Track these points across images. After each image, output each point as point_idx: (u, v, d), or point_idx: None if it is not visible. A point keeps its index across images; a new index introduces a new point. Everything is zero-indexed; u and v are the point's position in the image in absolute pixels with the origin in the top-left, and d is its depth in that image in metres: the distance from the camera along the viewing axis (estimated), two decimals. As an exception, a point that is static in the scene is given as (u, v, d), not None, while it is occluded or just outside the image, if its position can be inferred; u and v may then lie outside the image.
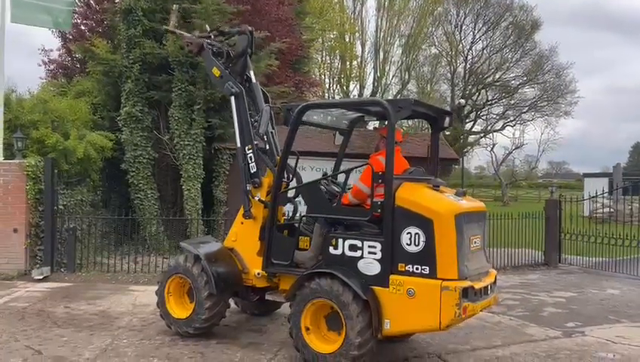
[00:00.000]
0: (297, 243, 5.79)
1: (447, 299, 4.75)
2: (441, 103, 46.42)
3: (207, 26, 7.23)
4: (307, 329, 5.30)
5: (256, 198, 6.11)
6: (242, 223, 6.30)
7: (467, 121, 48.89)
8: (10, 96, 11.46)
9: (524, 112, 47.36)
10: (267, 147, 6.40)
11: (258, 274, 5.97)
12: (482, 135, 48.91)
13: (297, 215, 6.49)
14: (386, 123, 5.28)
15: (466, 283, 4.86)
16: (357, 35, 44.00)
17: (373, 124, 5.44)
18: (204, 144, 12.04)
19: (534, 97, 46.47)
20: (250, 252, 6.13)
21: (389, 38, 45.43)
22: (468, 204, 5.30)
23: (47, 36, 21.26)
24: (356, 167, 5.72)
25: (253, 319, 7.01)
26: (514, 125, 47.95)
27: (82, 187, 11.13)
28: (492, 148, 47.87)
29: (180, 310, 6.24)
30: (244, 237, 6.25)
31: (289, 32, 14.79)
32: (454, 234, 4.87)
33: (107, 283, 9.09)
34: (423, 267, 4.89)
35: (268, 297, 6.03)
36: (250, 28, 6.83)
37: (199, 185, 12.01)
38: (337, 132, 6.72)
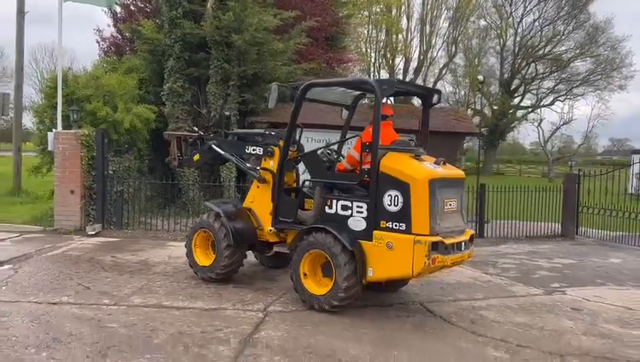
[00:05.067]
0: (301, 203, 6.71)
1: (418, 250, 5.56)
2: (490, 77, 45.71)
3: (195, 127, 8.96)
4: (305, 274, 6.25)
5: (259, 168, 7.07)
6: (258, 187, 7.27)
7: (515, 95, 48.00)
8: (67, 73, 12.82)
9: (576, 87, 46.08)
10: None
11: (270, 230, 6.96)
12: (530, 110, 47.93)
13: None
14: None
15: (436, 238, 5.63)
16: (403, 8, 43.76)
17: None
18: (238, 117, 13.07)
19: (587, 71, 45.07)
20: (264, 211, 7.09)
21: (435, 11, 44.99)
22: (443, 171, 6.04)
23: (104, 16, 22.67)
24: (349, 138, 6.53)
25: (268, 271, 8.02)
26: (564, 100, 46.74)
27: (130, 155, 12.40)
28: (539, 124, 46.91)
29: (205, 259, 7.31)
30: (259, 199, 7.21)
31: (322, 9, 15.43)
32: (427, 196, 5.65)
33: (149, 239, 10.34)
34: (401, 224, 5.71)
35: (275, 249, 7.02)
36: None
37: (234, 155, 13.09)
38: (344, 108, 7.52)
